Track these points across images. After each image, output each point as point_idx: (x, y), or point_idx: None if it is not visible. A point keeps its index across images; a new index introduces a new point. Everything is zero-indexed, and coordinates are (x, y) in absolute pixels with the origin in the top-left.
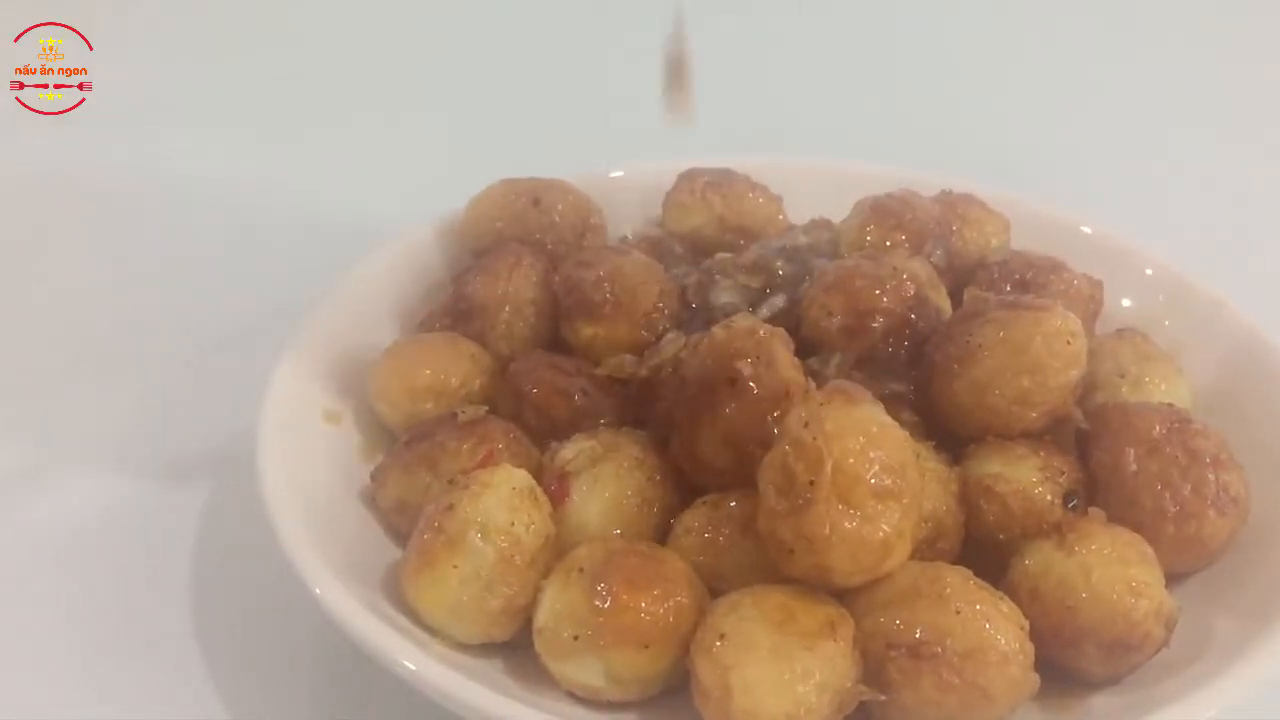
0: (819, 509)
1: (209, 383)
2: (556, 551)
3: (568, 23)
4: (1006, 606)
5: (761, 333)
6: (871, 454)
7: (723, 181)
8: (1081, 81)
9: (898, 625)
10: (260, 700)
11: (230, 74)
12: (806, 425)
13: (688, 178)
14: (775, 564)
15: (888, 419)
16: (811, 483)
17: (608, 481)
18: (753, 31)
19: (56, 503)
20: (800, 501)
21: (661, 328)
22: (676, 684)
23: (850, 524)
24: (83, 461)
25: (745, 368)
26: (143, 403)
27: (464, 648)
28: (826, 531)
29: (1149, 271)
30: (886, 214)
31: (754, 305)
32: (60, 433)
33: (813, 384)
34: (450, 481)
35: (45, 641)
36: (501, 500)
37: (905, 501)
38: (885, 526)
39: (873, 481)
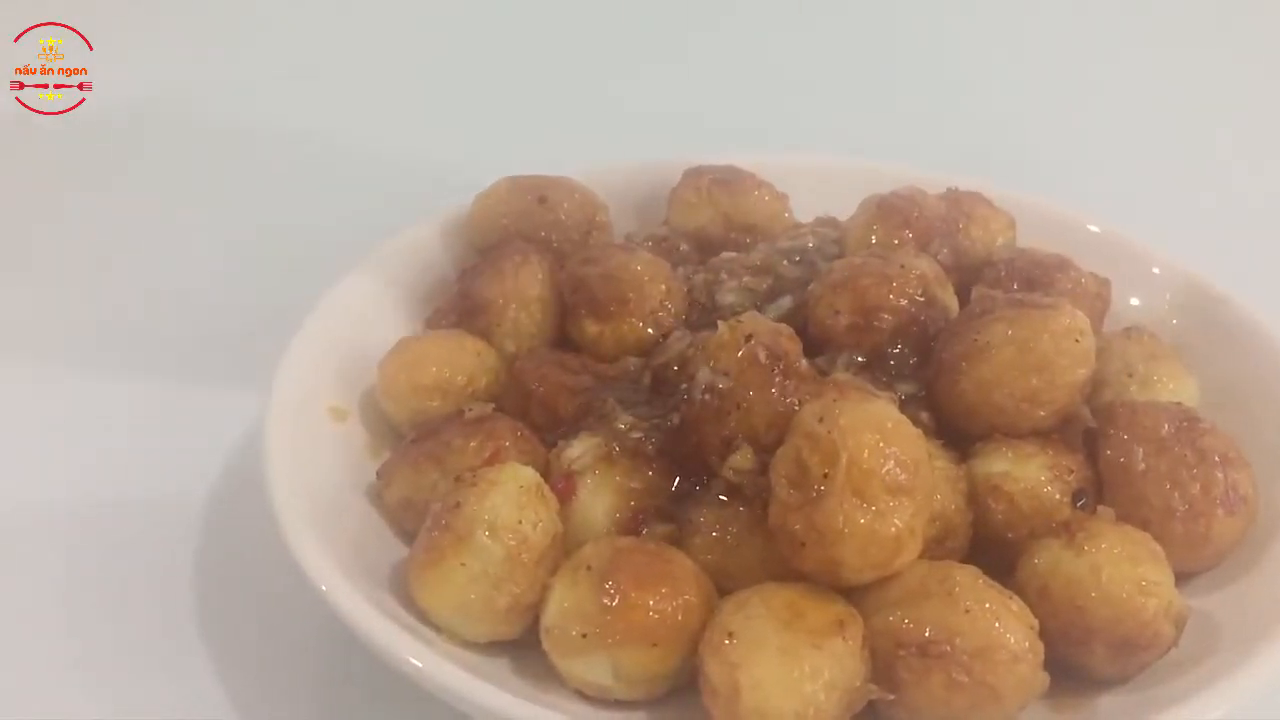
0: (833, 501)
1: (210, 383)
2: (564, 549)
3: (576, 19)
4: (1016, 605)
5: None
6: (886, 449)
7: (728, 179)
8: (1088, 78)
9: (907, 624)
10: (265, 698)
11: (228, 73)
12: (821, 420)
13: (693, 175)
14: (785, 558)
15: (901, 416)
16: (826, 475)
17: (614, 479)
18: (760, 28)
19: (56, 497)
20: (814, 494)
21: (667, 326)
22: (685, 683)
23: (863, 518)
24: (85, 456)
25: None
26: (143, 403)
27: (471, 646)
28: (840, 524)
29: (1156, 270)
30: (893, 212)
31: (760, 306)
32: (60, 429)
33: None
34: (457, 479)
35: (46, 640)
36: (509, 498)
37: (918, 498)
38: (898, 522)
39: (887, 477)
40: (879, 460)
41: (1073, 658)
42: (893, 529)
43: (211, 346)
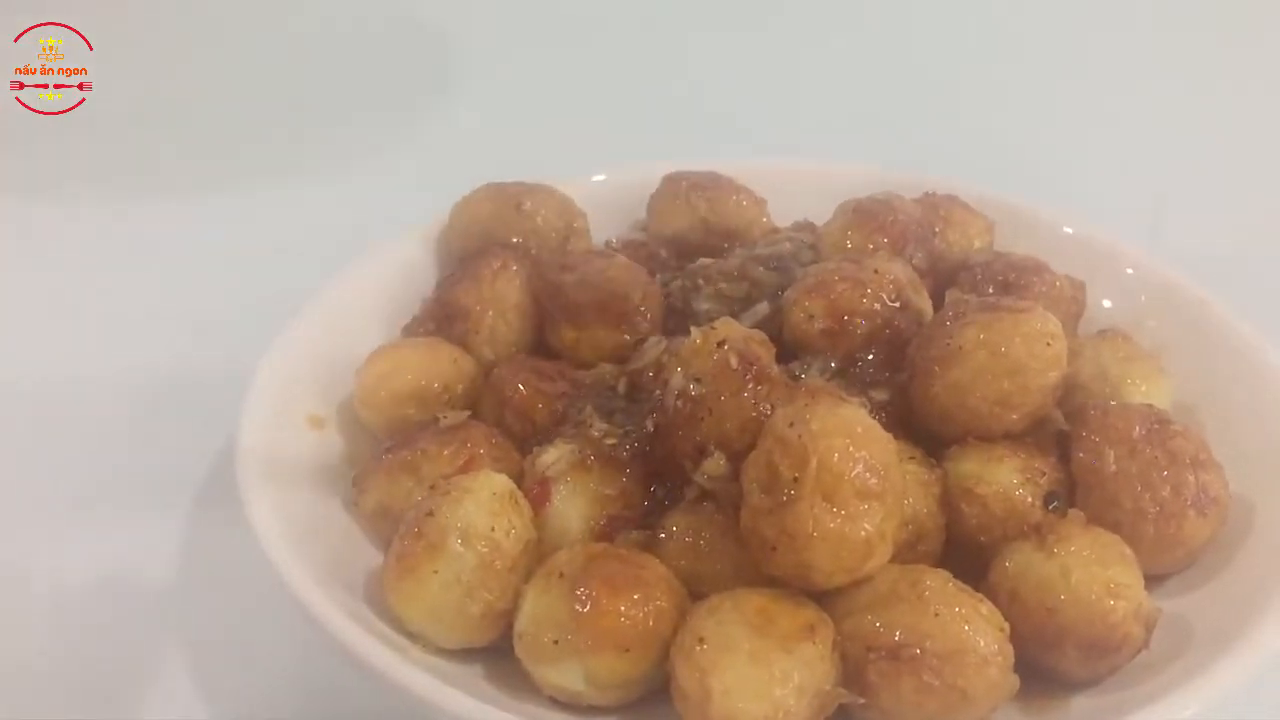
0: (803, 505)
1: (203, 385)
2: (538, 556)
3: (556, 26)
4: (986, 609)
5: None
6: (856, 453)
7: (707, 184)
8: (1068, 80)
9: (877, 627)
10: (243, 703)
11: (227, 74)
12: (792, 424)
13: (672, 181)
14: (757, 563)
15: (871, 420)
16: (796, 479)
17: (589, 485)
18: (741, 33)
19: (47, 496)
20: (784, 498)
21: (644, 332)
22: (657, 688)
23: (833, 522)
24: (72, 462)
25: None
26: (140, 403)
27: (445, 653)
28: (810, 528)
29: (1130, 272)
30: (868, 217)
31: (737, 313)
32: (55, 433)
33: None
34: (431, 487)
35: (34, 650)
36: (481, 505)
37: (888, 502)
38: (867, 526)
39: (856, 481)
40: (849, 464)
41: (1044, 660)
42: (862, 533)
43: (212, 348)
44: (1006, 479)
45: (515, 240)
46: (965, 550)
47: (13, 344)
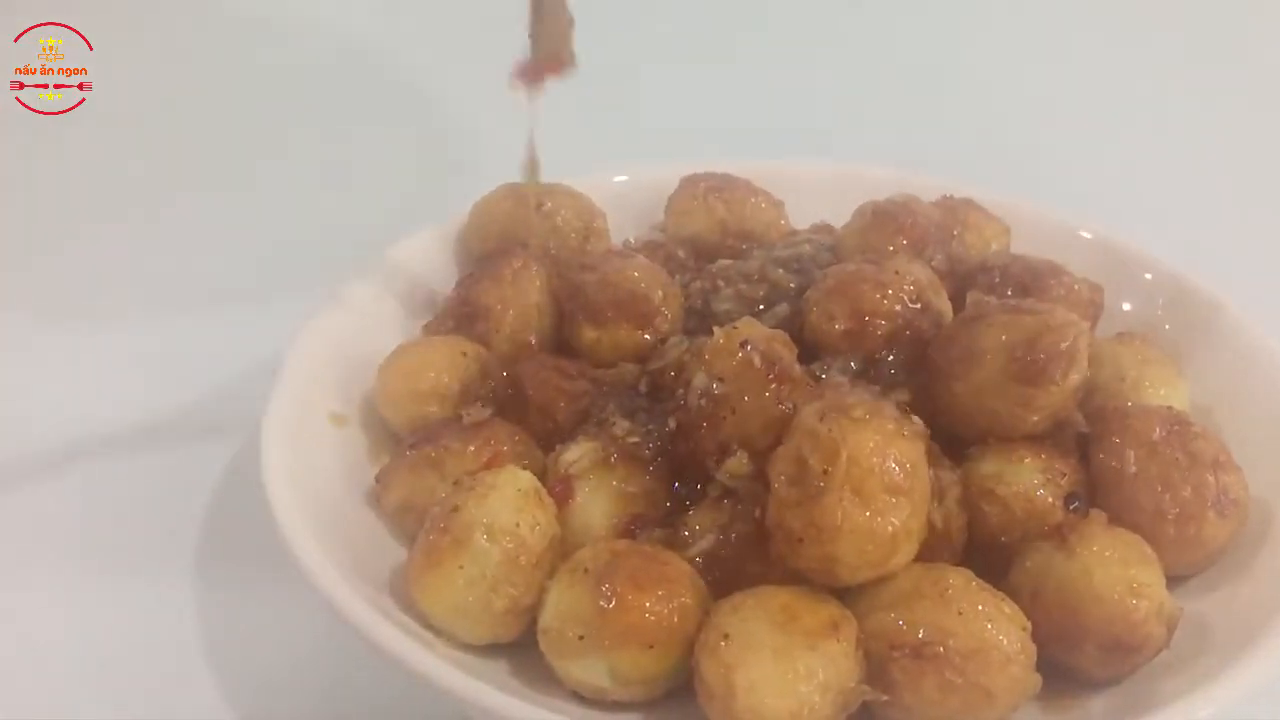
0: (832, 497)
1: (210, 385)
2: (561, 552)
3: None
4: (1009, 607)
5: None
6: (885, 449)
7: (725, 186)
8: (1081, 84)
9: (900, 625)
10: (266, 702)
11: (228, 74)
12: (822, 419)
13: (690, 182)
14: (781, 556)
15: (900, 417)
16: (825, 472)
17: (611, 483)
18: (751, 34)
19: (59, 497)
20: (813, 490)
21: (664, 332)
22: (681, 684)
23: (861, 516)
24: (87, 469)
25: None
26: (146, 404)
27: (470, 648)
28: (838, 520)
29: (1149, 275)
30: (887, 219)
31: (757, 314)
32: (59, 440)
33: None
34: (455, 483)
35: (45, 643)
36: (507, 501)
37: (915, 499)
38: (894, 521)
39: (885, 476)
40: (878, 460)
41: (1065, 659)
42: (890, 528)
43: (213, 347)
44: (1027, 480)
45: (535, 240)
46: (986, 550)
47: (12, 344)
